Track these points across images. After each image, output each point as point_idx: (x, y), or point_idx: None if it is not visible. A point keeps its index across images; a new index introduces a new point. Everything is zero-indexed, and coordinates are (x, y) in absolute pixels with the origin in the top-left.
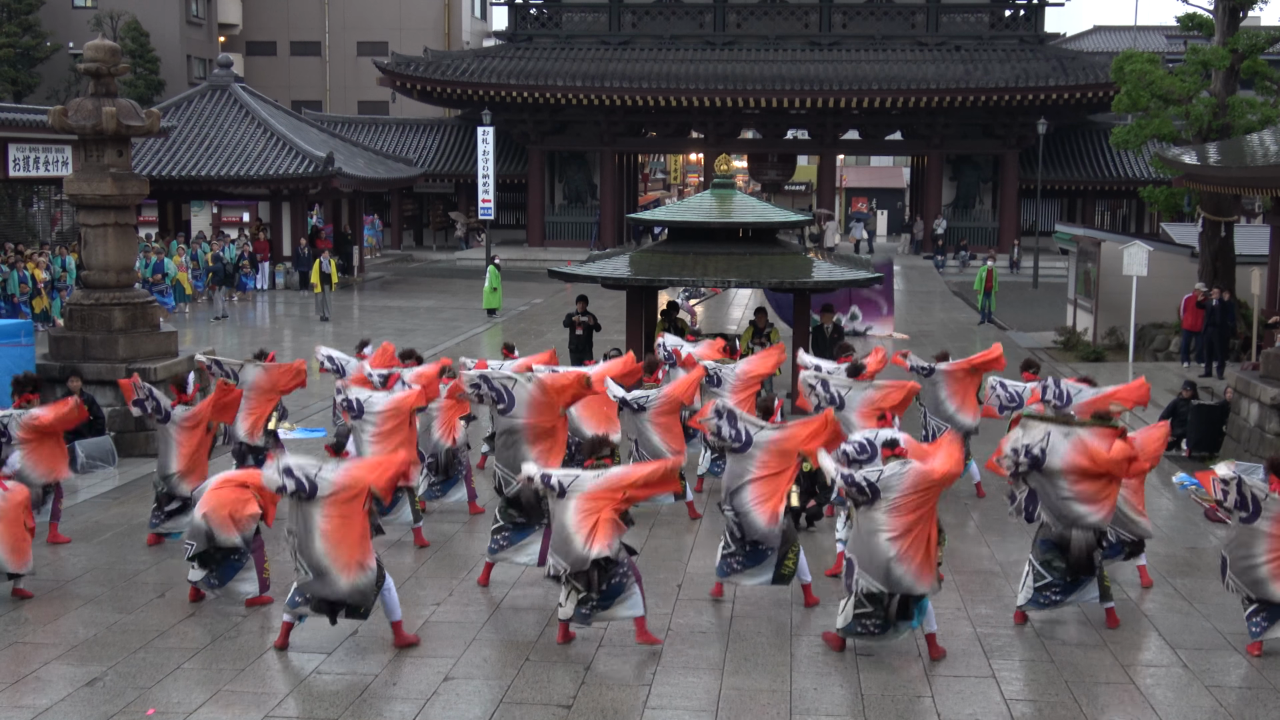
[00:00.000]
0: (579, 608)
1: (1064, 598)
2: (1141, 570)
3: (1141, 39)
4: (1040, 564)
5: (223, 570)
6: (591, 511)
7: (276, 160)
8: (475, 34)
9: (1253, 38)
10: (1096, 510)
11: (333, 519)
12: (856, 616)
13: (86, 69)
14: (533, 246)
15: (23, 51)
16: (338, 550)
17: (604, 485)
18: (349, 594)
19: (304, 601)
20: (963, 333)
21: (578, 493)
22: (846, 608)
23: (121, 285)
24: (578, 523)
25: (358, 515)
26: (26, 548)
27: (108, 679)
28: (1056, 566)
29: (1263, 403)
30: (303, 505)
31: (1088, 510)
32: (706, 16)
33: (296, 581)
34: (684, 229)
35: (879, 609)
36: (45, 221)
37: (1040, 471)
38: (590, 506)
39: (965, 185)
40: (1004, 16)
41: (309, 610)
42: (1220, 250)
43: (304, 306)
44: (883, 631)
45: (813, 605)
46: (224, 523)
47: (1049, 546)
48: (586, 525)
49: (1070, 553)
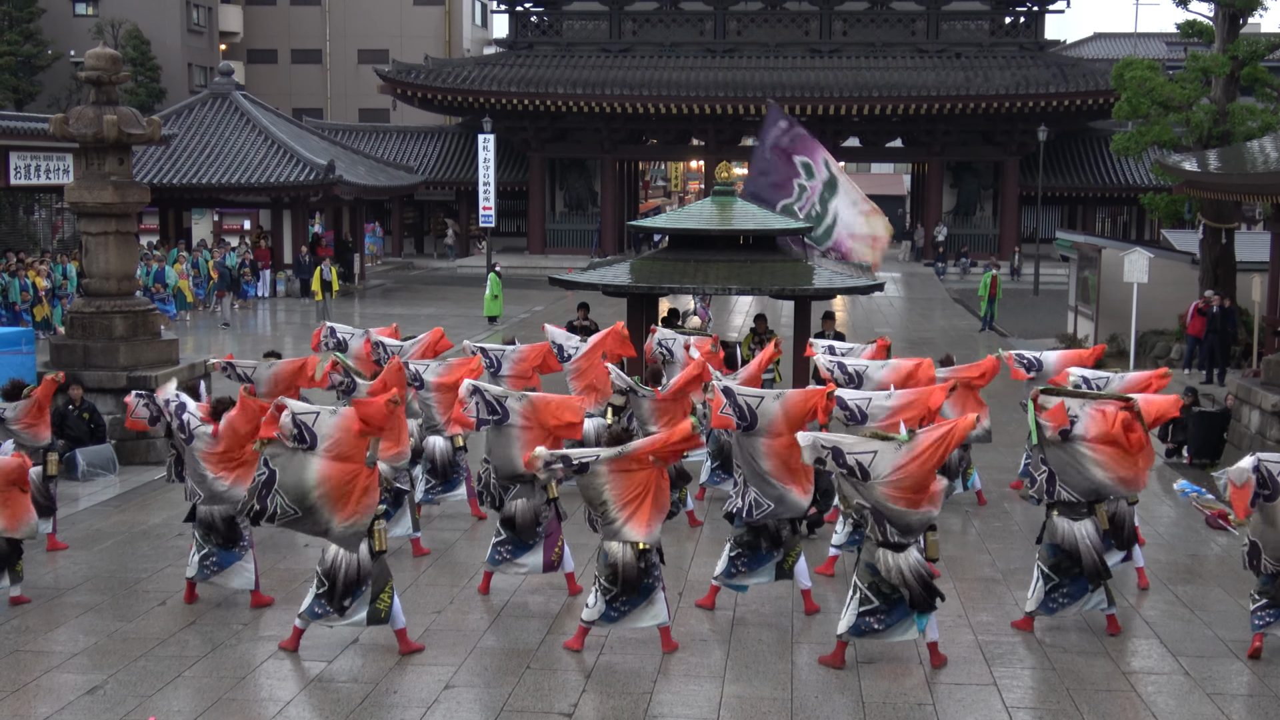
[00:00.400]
0: (609, 609)
1: (1073, 601)
2: (1140, 573)
3: (1142, 46)
4: (1050, 568)
5: (223, 555)
6: (630, 486)
7: (277, 168)
8: (476, 42)
9: (1253, 44)
10: (1121, 481)
11: (332, 466)
12: (861, 614)
13: (88, 77)
14: (533, 254)
15: (24, 59)
16: (334, 496)
17: (629, 453)
18: (340, 535)
19: (323, 614)
20: (964, 340)
21: (602, 465)
22: (849, 609)
23: (122, 293)
24: (614, 499)
25: (360, 465)
26: (22, 512)
27: (108, 687)
28: (1065, 568)
29: (1264, 409)
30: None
31: (1109, 478)
32: (707, 24)
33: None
34: (685, 236)
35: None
36: (46, 229)
37: (1068, 441)
38: (625, 482)
39: (966, 192)
40: (1004, 23)
41: (330, 620)
42: (1221, 257)
43: (305, 314)
44: (887, 628)
45: (813, 613)
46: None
47: (1056, 550)
48: (623, 503)
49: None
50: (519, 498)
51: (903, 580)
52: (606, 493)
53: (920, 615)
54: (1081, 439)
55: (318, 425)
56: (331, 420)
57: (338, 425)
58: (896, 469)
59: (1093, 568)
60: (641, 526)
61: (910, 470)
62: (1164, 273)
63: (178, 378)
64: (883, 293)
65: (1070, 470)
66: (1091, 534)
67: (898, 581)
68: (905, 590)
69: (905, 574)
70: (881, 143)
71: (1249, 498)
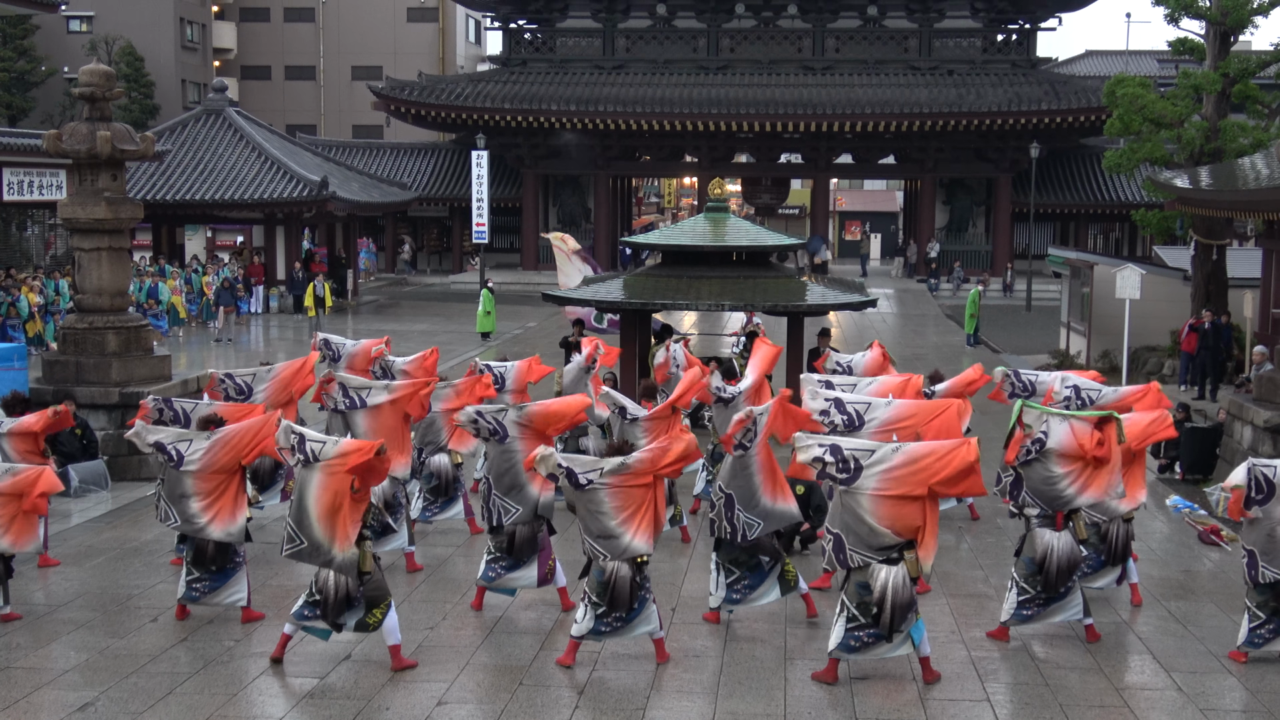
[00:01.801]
0: (598, 623)
1: (1043, 610)
2: (1134, 589)
3: (1133, 63)
4: (1024, 580)
5: (216, 577)
6: (628, 500)
7: (271, 184)
8: (469, 58)
9: (1244, 62)
10: (1085, 492)
11: (325, 489)
12: (849, 630)
13: (81, 93)
14: (527, 270)
15: (17, 76)
16: (329, 522)
17: (631, 470)
18: (341, 563)
19: (312, 616)
20: (956, 356)
21: (604, 483)
22: (837, 626)
23: (115, 309)
24: (613, 511)
25: (346, 492)
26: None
27: (100, 704)
28: (1038, 580)
29: (1256, 425)
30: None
31: (1074, 493)
32: (700, 41)
33: (304, 597)
34: (678, 253)
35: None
36: (39, 246)
37: (1040, 454)
38: (624, 496)
39: (959, 209)
40: (996, 41)
41: (318, 625)
42: (1213, 273)
43: (298, 330)
44: (875, 641)
45: (813, 617)
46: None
47: (1033, 564)
48: (624, 517)
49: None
50: (519, 524)
51: (883, 598)
52: (606, 505)
53: (914, 629)
54: (1054, 453)
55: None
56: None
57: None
58: (887, 471)
59: (1064, 576)
60: (646, 539)
61: (900, 475)
62: (1156, 289)
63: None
64: (875, 309)
65: (1036, 480)
66: (1070, 546)
67: (877, 599)
68: (881, 609)
69: (889, 593)
70: (874, 159)
71: (1243, 499)
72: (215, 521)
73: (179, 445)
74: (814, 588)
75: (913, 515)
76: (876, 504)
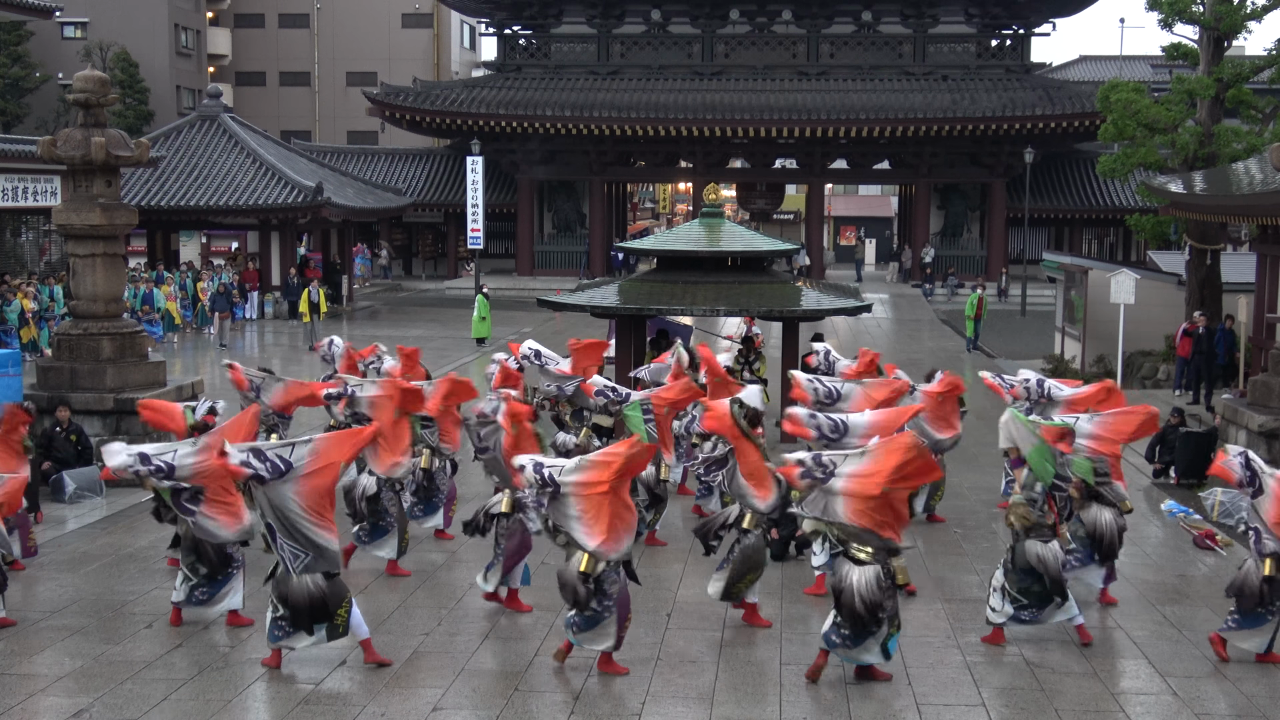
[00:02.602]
0: (569, 620)
1: (1038, 615)
2: (1103, 592)
3: (1127, 68)
4: (1019, 591)
5: (213, 585)
6: (592, 504)
7: (266, 190)
8: (464, 64)
9: (1237, 67)
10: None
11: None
12: (834, 625)
13: (76, 99)
14: (522, 275)
15: (12, 82)
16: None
17: (588, 473)
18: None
19: (284, 635)
20: (951, 360)
21: (568, 485)
22: (827, 620)
23: (110, 315)
24: (580, 514)
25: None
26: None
27: (94, 711)
28: (1033, 592)
29: (1250, 430)
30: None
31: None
32: (695, 47)
33: (270, 613)
34: (673, 258)
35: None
36: (34, 252)
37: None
38: (588, 501)
39: (953, 214)
40: (990, 46)
41: (292, 640)
42: (1207, 278)
43: (293, 336)
44: (856, 645)
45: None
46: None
47: (1025, 575)
48: (590, 518)
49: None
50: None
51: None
52: (573, 509)
53: (889, 640)
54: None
55: (293, 455)
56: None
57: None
58: (854, 471)
59: (1055, 586)
60: (593, 537)
61: (867, 468)
62: (1150, 294)
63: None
64: (870, 314)
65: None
66: (1058, 554)
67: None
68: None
69: (857, 594)
70: (869, 165)
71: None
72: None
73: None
74: (808, 593)
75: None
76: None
